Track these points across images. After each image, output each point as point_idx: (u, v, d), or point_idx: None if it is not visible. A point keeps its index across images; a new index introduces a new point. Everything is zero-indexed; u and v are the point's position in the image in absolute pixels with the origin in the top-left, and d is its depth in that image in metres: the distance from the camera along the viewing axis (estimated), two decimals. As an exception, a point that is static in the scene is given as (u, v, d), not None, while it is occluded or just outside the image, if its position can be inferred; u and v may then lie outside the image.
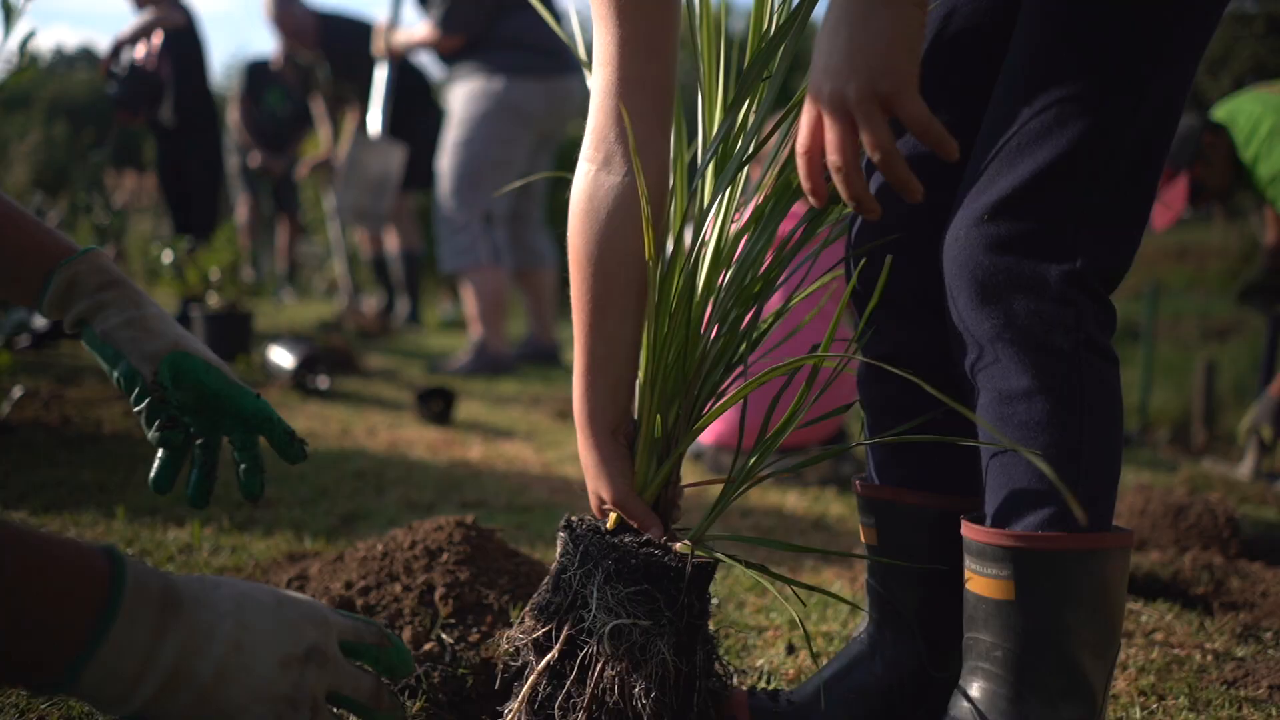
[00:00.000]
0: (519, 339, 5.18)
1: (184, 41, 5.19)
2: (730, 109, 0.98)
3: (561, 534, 1.00)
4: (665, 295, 0.98)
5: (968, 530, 0.92)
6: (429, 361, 4.60)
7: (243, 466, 1.00)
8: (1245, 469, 3.21)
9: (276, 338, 3.76)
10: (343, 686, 0.75)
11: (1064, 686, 0.89)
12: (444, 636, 1.22)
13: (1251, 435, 3.22)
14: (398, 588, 1.28)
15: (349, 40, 5.42)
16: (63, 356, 3.79)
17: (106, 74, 4.94)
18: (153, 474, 0.99)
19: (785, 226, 1.04)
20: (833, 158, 0.77)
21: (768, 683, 1.28)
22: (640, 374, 1.02)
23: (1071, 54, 0.87)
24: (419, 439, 2.83)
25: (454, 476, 2.39)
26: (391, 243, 6.10)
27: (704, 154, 1.01)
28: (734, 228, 1.03)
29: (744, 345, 1.01)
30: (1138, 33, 0.86)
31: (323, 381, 3.44)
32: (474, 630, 1.23)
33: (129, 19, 5.12)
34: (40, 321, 3.79)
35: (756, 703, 1.07)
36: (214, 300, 3.86)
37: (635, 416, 1.04)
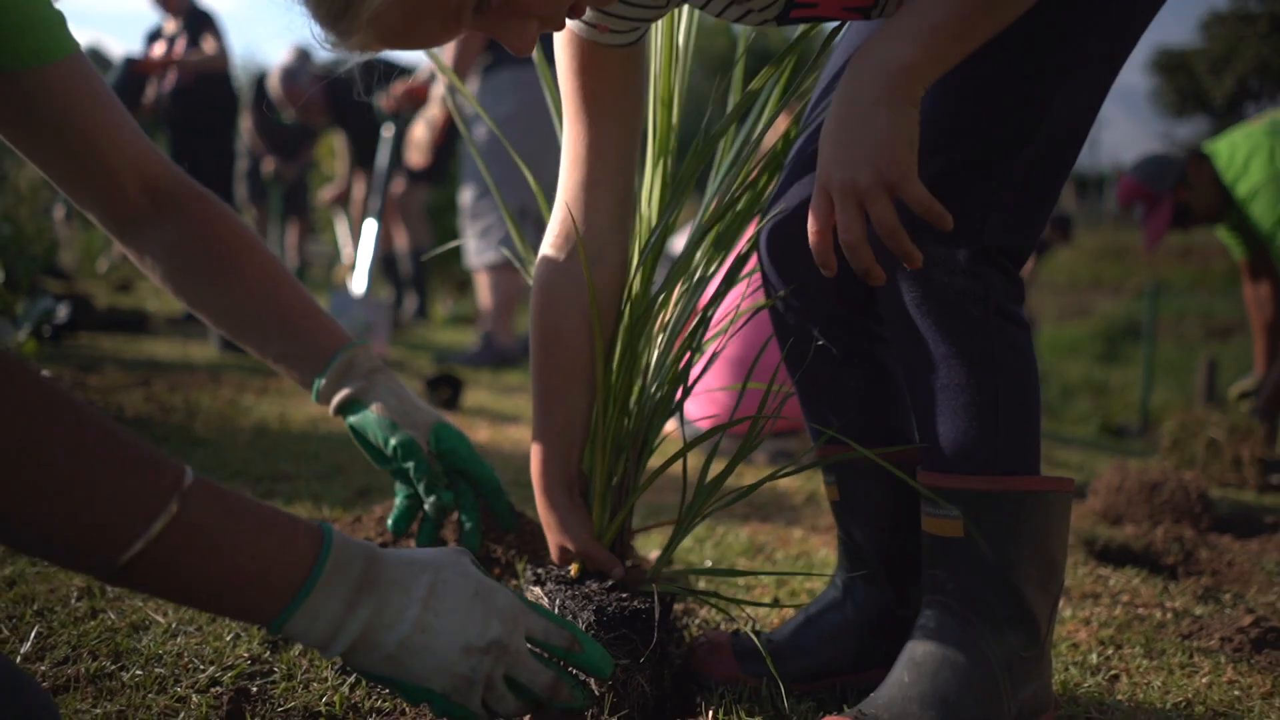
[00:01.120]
0: (524, 332, 5.29)
1: (214, 79, 5.35)
2: (667, 208, 1.11)
3: (534, 588, 1.10)
4: (609, 370, 1.12)
5: (921, 477, 1.03)
6: (437, 353, 4.71)
7: (468, 526, 1.16)
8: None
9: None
10: (520, 676, 0.84)
11: (1010, 615, 1.00)
12: (455, 586, 1.32)
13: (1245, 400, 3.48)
14: (412, 543, 1.39)
15: (361, 103, 5.47)
16: (82, 347, 3.92)
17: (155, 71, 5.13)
18: (394, 519, 1.16)
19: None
20: (845, 236, 0.87)
21: (753, 629, 1.38)
22: (592, 435, 1.15)
23: (987, 71, 0.96)
24: (428, 424, 2.94)
25: (462, 457, 2.49)
26: (400, 240, 6.21)
27: (641, 250, 1.15)
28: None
29: (679, 395, 1.15)
30: (1051, 50, 0.95)
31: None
32: (482, 581, 1.34)
33: (136, 20, 5.29)
34: (62, 313, 3.91)
35: (739, 643, 1.17)
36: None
37: (585, 471, 1.17)
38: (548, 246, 1.14)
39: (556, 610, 1.05)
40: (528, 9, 0.82)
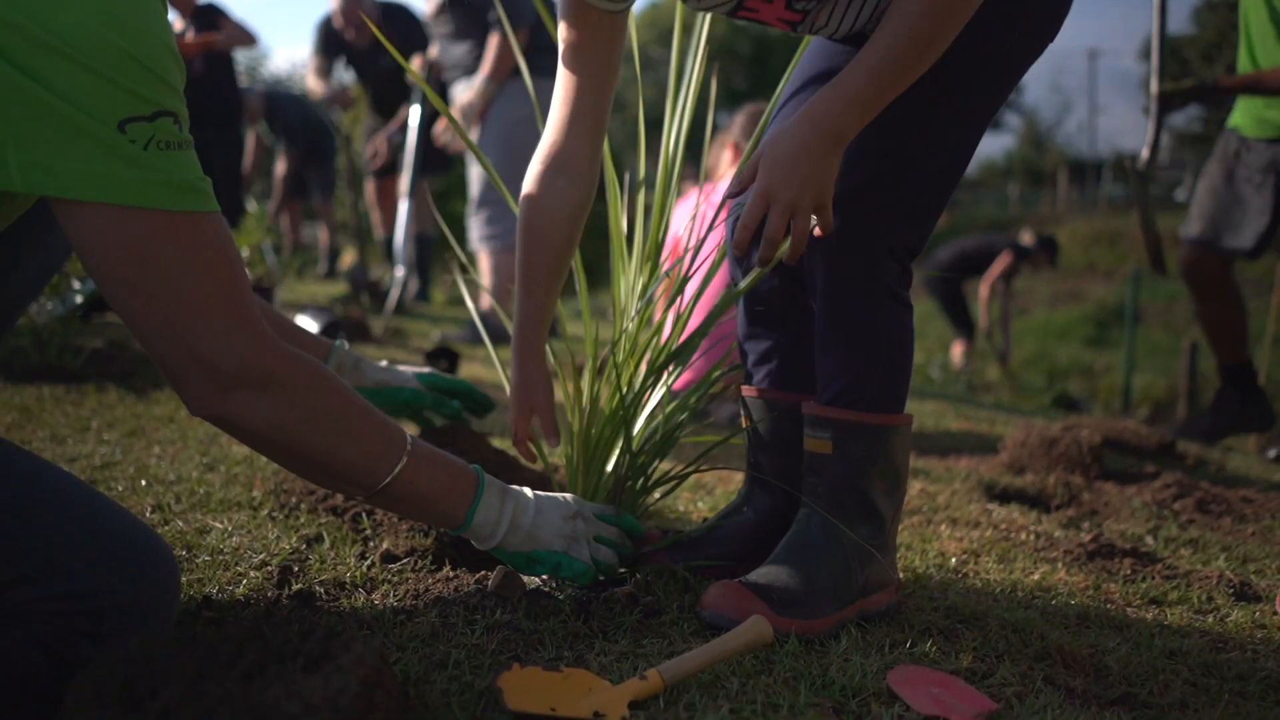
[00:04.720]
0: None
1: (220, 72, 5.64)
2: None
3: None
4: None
5: (806, 407, 1.38)
6: (438, 332, 5.05)
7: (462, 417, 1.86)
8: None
9: (302, 307, 4.21)
10: (599, 533, 1.38)
11: (862, 513, 1.35)
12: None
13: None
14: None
15: (406, 27, 5.66)
16: (113, 326, 4.25)
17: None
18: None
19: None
20: (772, 235, 1.21)
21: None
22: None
23: (893, 114, 1.25)
24: (428, 391, 3.28)
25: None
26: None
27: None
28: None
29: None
30: (937, 102, 1.27)
31: (343, 345, 3.90)
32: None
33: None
34: (90, 285, 4.24)
35: (667, 541, 1.52)
36: (245, 275, 4.32)
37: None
38: (536, 163, 1.45)
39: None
40: None
